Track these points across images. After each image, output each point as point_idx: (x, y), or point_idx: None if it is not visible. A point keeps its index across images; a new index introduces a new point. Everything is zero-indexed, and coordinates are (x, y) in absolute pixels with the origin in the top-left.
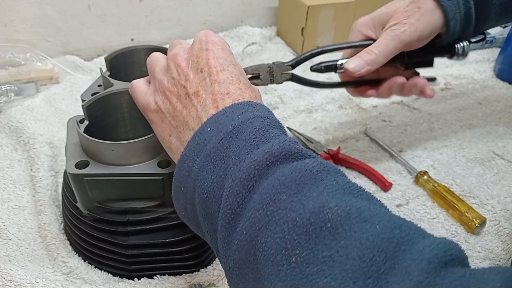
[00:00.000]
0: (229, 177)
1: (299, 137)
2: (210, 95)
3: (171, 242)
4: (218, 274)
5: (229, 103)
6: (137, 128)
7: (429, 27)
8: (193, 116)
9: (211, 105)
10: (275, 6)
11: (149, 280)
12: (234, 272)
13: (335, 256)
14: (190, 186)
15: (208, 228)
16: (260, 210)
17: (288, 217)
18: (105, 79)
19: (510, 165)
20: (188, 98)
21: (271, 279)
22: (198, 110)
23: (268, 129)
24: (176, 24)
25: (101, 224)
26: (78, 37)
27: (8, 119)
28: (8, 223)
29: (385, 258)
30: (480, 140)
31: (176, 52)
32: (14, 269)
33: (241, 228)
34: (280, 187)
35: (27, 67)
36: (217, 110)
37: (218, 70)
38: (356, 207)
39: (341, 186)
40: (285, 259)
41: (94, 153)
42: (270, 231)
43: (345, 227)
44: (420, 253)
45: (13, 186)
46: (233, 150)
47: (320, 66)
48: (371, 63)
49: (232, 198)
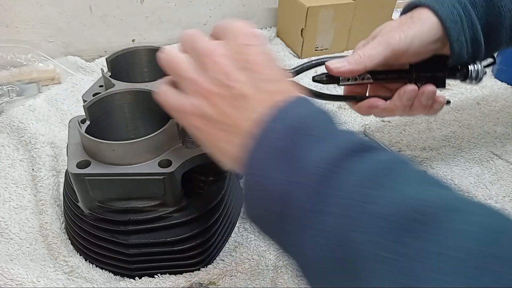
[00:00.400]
0: (302, 174)
1: None
2: (260, 93)
3: (172, 241)
4: (219, 273)
5: (283, 100)
6: (138, 128)
7: (422, 35)
8: (245, 118)
9: (264, 103)
10: (275, 7)
11: (150, 279)
12: (315, 271)
13: (443, 251)
14: (259, 186)
15: (279, 226)
16: (346, 206)
17: (378, 212)
18: (106, 79)
19: (509, 165)
20: (235, 99)
21: (369, 278)
22: (249, 110)
23: (331, 124)
24: (177, 25)
25: (102, 223)
26: (79, 38)
27: (10, 119)
28: (10, 222)
29: (498, 250)
30: (478, 140)
31: (210, 48)
32: (15, 268)
33: (323, 225)
34: (362, 182)
35: (28, 67)
36: (272, 108)
37: (265, 66)
38: (447, 197)
39: (422, 177)
40: (383, 256)
41: (96, 153)
42: (362, 227)
43: (443, 218)
44: None
45: (14, 185)
46: (300, 146)
47: (322, 76)
48: (353, 62)
49: (308, 195)
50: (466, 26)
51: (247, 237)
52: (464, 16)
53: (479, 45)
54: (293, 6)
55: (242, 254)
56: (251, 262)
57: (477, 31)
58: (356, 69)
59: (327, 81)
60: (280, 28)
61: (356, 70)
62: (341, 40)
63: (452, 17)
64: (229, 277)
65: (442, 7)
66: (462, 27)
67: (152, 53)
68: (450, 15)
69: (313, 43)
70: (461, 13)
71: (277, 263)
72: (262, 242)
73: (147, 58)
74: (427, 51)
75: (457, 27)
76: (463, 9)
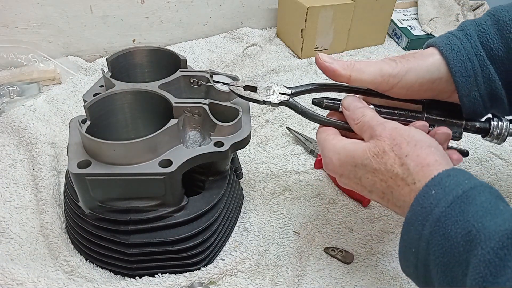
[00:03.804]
0: (476, 244)
1: (299, 137)
2: (415, 162)
3: (172, 240)
4: (219, 272)
5: (442, 169)
6: (138, 128)
7: (419, 70)
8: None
9: (426, 169)
10: (275, 7)
11: (151, 279)
12: None
13: None
14: (422, 248)
15: None
16: None
17: None
18: (106, 79)
19: (508, 165)
20: None
21: None
22: (406, 176)
23: (497, 198)
24: (177, 25)
25: (103, 223)
26: (80, 38)
27: (10, 119)
28: (11, 222)
29: None
30: (478, 140)
31: None
32: (16, 268)
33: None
34: None
35: (29, 67)
36: (431, 174)
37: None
38: None
39: None
40: None
41: (96, 153)
42: None
43: None
44: None
45: (15, 185)
46: (470, 216)
47: (322, 100)
48: (340, 65)
49: (484, 267)
50: (482, 81)
51: (247, 236)
52: (481, 70)
53: (500, 101)
54: (293, 7)
55: (242, 253)
56: (251, 262)
57: (497, 87)
58: (339, 72)
59: (326, 107)
60: (280, 28)
61: (338, 74)
62: (341, 40)
63: (465, 72)
64: (229, 277)
65: (452, 53)
66: (476, 82)
67: (152, 53)
68: (463, 70)
69: (313, 43)
70: (476, 67)
71: (277, 262)
72: (262, 242)
73: (148, 58)
74: (423, 89)
75: (469, 82)
76: (480, 63)
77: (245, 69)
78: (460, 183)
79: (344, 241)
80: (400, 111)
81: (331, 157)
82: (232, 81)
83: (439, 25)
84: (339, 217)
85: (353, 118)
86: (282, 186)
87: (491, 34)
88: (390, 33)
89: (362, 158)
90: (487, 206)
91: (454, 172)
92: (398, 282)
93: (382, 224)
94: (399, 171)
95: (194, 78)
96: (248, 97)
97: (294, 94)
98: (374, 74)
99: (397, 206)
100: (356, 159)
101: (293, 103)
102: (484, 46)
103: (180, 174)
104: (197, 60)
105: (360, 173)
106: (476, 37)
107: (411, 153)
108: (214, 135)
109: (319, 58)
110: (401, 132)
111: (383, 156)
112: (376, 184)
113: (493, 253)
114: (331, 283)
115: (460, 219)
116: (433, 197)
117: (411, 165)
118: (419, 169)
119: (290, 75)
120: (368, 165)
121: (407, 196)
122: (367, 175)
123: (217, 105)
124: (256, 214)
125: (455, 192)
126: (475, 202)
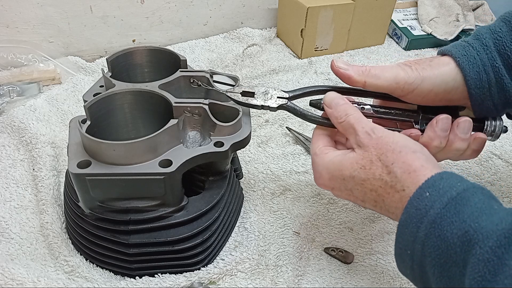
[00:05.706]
0: (474, 244)
1: (299, 137)
2: (401, 169)
3: (172, 240)
4: (219, 272)
5: (430, 173)
6: (138, 128)
7: (435, 80)
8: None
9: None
10: (275, 7)
11: (151, 279)
12: None
13: None
14: (417, 250)
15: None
16: None
17: None
18: (106, 79)
19: (508, 165)
20: None
21: None
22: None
23: (490, 198)
24: (177, 25)
25: (103, 223)
26: (80, 38)
27: (10, 119)
28: (11, 222)
29: None
30: None
31: None
32: (16, 268)
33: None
34: None
35: (29, 67)
36: (419, 180)
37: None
38: None
39: None
40: None
41: (96, 153)
42: None
43: None
44: None
45: (15, 185)
46: (466, 216)
47: (319, 101)
48: (356, 71)
49: (483, 266)
50: (496, 92)
51: (247, 236)
52: (495, 81)
53: (507, 94)
54: (293, 7)
55: (242, 253)
56: (251, 262)
57: (511, 95)
58: (354, 78)
59: (323, 109)
60: (280, 28)
61: (354, 80)
62: (341, 41)
63: (479, 83)
64: (229, 277)
65: (469, 65)
66: (489, 93)
67: (152, 53)
68: (478, 81)
69: (313, 43)
70: (491, 79)
71: (277, 262)
72: (262, 242)
73: (148, 58)
74: (438, 98)
75: (483, 93)
76: (495, 75)
77: (245, 69)
78: (453, 185)
79: (344, 241)
80: (396, 111)
81: (321, 171)
82: (232, 81)
83: (439, 25)
84: (339, 217)
85: (336, 116)
86: (282, 186)
87: (508, 42)
88: (390, 33)
89: (350, 170)
90: (482, 206)
91: (447, 175)
92: (398, 282)
93: (382, 224)
94: (387, 179)
95: (194, 78)
96: (246, 102)
97: (292, 97)
98: (389, 80)
99: (390, 213)
100: (344, 172)
101: (292, 107)
102: (501, 55)
103: (180, 174)
104: (197, 60)
105: (350, 185)
106: (492, 46)
107: (396, 161)
108: (214, 135)
109: (335, 64)
110: (386, 140)
111: (371, 166)
112: (367, 194)
113: (491, 252)
114: (331, 283)
115: (455, 220)
116: (427, 199)
117: (398, 172)
118: (406, 175)
119: (290, 75)
120: (356, 177)
121: (399, 202)
122: (357, 186)
123: (217, 105)
124: (256, 214)
125: (449, 194)
126: (469, 203)
